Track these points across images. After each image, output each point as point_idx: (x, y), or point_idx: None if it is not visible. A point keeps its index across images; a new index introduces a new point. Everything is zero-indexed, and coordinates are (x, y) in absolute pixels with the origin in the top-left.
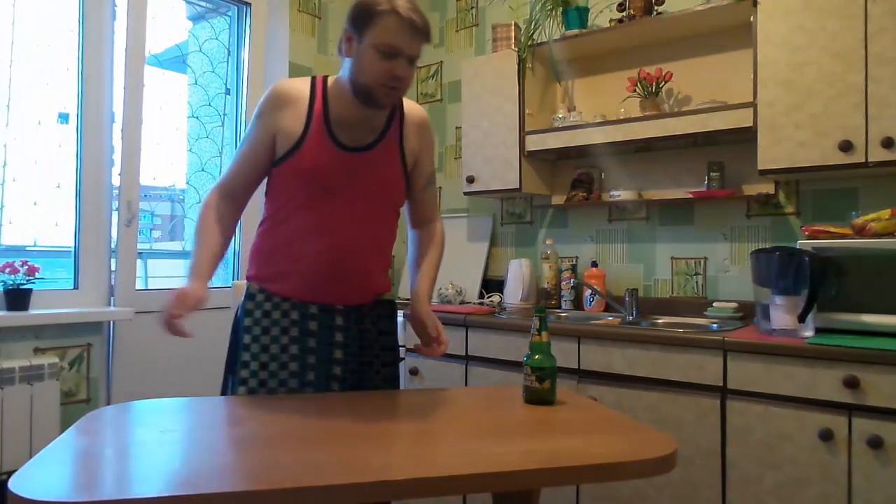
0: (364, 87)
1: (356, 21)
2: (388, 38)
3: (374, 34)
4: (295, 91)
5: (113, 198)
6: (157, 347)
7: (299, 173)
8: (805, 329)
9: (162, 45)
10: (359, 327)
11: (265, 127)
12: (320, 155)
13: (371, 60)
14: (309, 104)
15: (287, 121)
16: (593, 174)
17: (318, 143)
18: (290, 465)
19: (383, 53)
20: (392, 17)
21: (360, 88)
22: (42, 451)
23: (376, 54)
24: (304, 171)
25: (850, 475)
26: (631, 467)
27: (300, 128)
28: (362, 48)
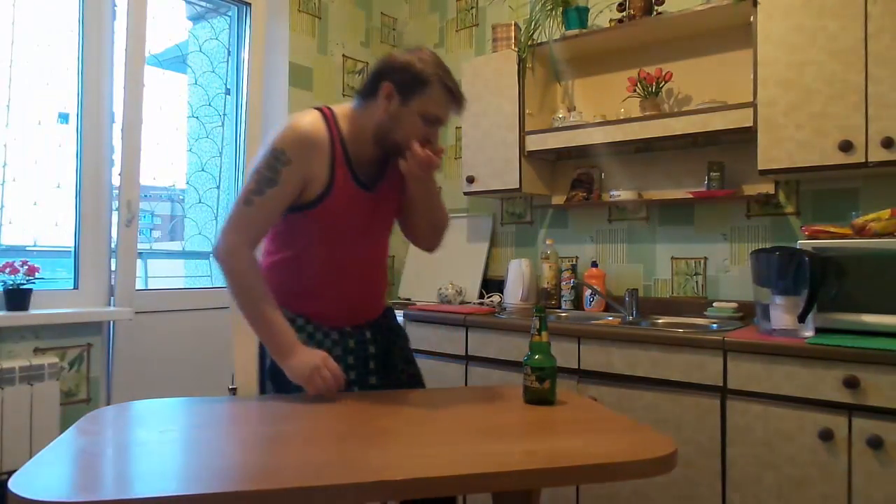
0: (395, 142)
1: (403, 85)
2: (435, 108)
3: (422, 102)
4: (318, 134)
5: (113, 198)
6: (157, 347)
7: (329, 217)
8: (805, 329)
9: (162, 45)
10: (382, 335)
11: (298, 175)
12: (349, 200)
13: (413, 124)
14: (330, 147)
15: (315, 167)
16: (593, 174)
17: (346, 188)
18: (290, 465)
19: (426, 120)
20: (441, 89)
21: (391, 142)
22: (42, 451)
23: (419, 120)
24: (333, 216)
25: (850, 475)
26: (631, 467)
27: (327, 173)
28: (406, 111)
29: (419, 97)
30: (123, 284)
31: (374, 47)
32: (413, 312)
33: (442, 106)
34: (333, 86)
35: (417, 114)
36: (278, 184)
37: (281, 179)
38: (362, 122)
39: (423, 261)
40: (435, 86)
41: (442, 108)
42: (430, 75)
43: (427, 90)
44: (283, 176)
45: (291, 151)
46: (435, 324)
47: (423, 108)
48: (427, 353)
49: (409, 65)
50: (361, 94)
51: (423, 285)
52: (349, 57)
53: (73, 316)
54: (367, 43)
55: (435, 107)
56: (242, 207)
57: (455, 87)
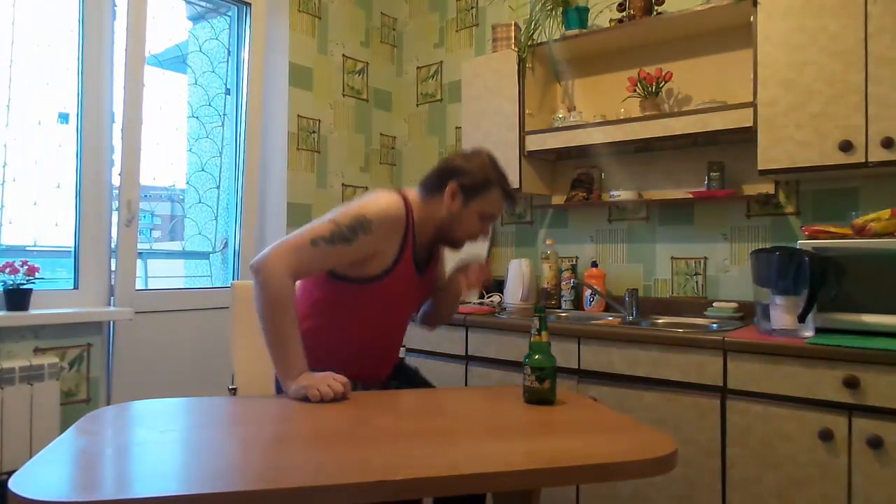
0: (454, 237)
1: (470, 188)
2: (492, 209)
3: (482, 203)
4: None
5: (113, 198)
6: (157, 347)
7: (383, 295)
8: (805, 329)
9: (162, 45)
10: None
11: (370, 248)
12: (406, 282)
13: (472, 221)
14: (404, 234)
15: (388, 247)
16: (593, 174)
17: (406, 271)
18: (291, 465)
19: (483, 218)
20: (498, 191)
21: (449, 235)
22: (42, 451)
23: (477, 218)
24: (389, 295)
25: (850, 475)
26: (631, 467)
27: (395, 254)
28: (467, 211)
29: (480, 199)
30: (123, 284)
31: (374, 47)
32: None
33: (498, 206)
34: (333, 86)
35: (476, 213)
36: (351, 245)
37: (355, 242)
38: (427, 214)
39: None
40: (493, 188)
41: (498, 207)
42: (490, 178)
43: (486, 192)
44: (359, 241)
45: (376, 225)
46: None
47: (482, 208)
48: (427, 353)
49: (473, 170)
50: (426, 188)
51: None
52: (349, 57)
53: (73, 316)
54: (367, 43)
55: (492, 207)
56: (307, 244)
57: (510, 189)
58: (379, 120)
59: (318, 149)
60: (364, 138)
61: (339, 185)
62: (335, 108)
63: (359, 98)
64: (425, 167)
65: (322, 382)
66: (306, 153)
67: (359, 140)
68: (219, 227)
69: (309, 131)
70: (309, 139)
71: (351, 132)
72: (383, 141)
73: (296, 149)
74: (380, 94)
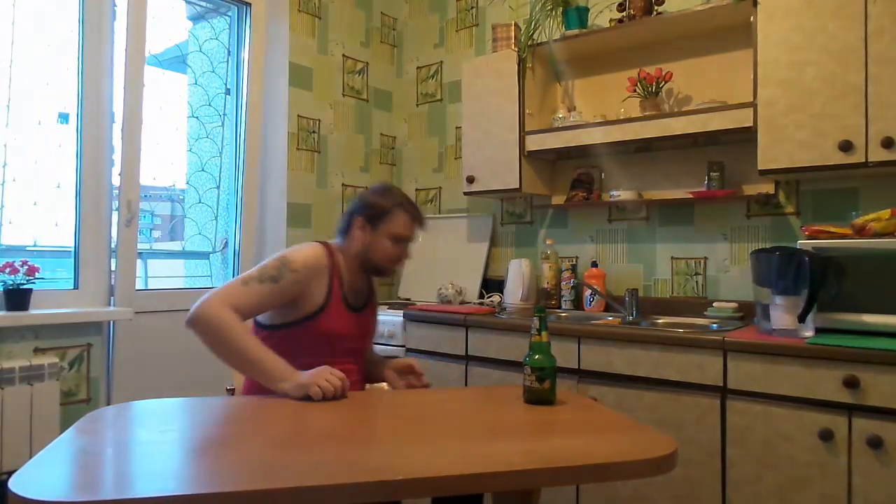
0: (376, 265)
1: (372, 217)
2: (399, 230)
3: (388, 226)
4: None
5: (113, 198)
6: (157, 347)
7: (320, 335)
8: (805, 329)
9: (162, 45)
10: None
11: (297, 288)
12: (339, 319)
13: (385, 246)
14: (329, 275)
15: (314, 289)
16: (593, 174)
17: (338, 309)
18: (290, 465)
19: (395, 241)
20: (404, 214)
21: (372, 265)
22: (42, 451)
23: (389, 242)
24: (324, 334)
25: (850, 475)
26: (631, 467)
27: (323, 296)
28: (377, 237)
29: (384, 223)
30: (123, 284)
31: (374, 47)
32: (413, 312)
33: (404, 227)
34: (333, 86)
35: (386, 237)
36: (278, 283)
37: (282, 282)
38: (347, 254)
39: (423, 261)
40: (395, 211)
41: (405, 228)
42: (387, 203)
43: (389, 216)
44: (286, 280)
45: (300, 265)
46: (435, 324)
47: (390, 231)
48: (427, 353)
49: (373, 200)
50: (341, 231)
51: (423, 285)
52: (349, 57)
53: (73, 316)
54: (367, 43)
55: (399, 229)
56: (238, 285)
57: (412, 208)
58: (379, 120)
59: (318, 149)
60: (364, 138)
61: (339, 185)
62: (335, 108)
63: (359, 98)
64: (425, 167)
65: (320, 378)
66: (306, 153)
67: (359, 140)
68: (219, 227)
69: (309, 131)
70: (309, 139)
71: (351, 132)
72: (383, 141)
73: (296, 149)
74: (380, 94)
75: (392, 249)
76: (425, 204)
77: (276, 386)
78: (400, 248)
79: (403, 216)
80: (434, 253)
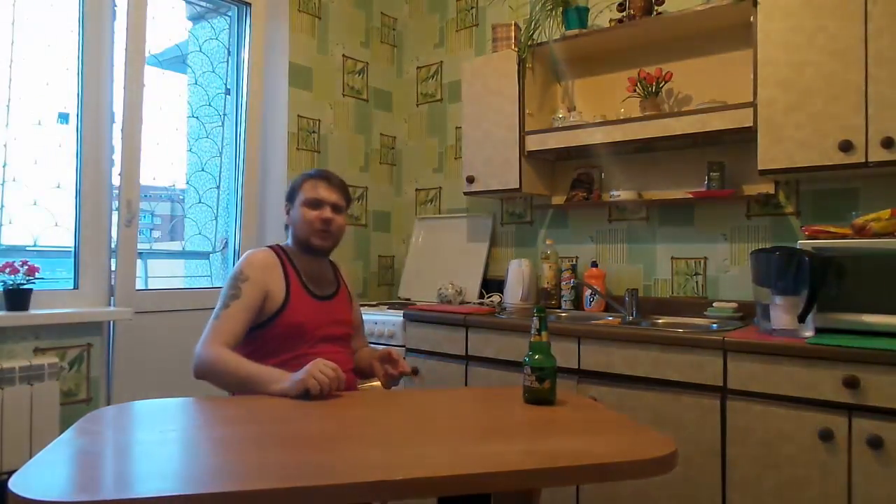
0: (304, 238)
1: (289, 195)
2: (310, 193)
3: (300, 196)
4: (268, 259)
5: (113, 198)
6: (157, 347)
7: (290, 328)
8: (805, 329)
9: (162, 45)
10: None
11: (257, 289)
12: (305, 308)
13: (303, 214)
14: (282, 268)
15: (272, 284)
16: (593, 174)
17: (301, 298)
18: (290, 465)
19: (310, 206)
20: (309, 179)
21: (303, 241)
22: (42, 451)
23: (306, 209)
24: (294, 325)
25: (850, 475)
26: (631, 467)
27: (283, 291)
28: (295, 210)
29: (298, 195)
30: (123, 284)
31: (374, 47)
32: (413, 312)
33: (314, 189)
34: (333, 86)
35: (301, 207)
36: (240, 297)
37: (242, 293)
38: (292, 243)
39: (422, 261)
40: (304, 180)
41: (315, 190)
42: (300, 178)
43: (300, 186)
44: (244, 290)
45: (248, 271)
46: (435, 324)
47: (302, 199)
48: (427, 353)
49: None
50: (285, 229)
51: (423, 285)
52: (349, 57)
53: (73, 316)
54: (367, 43)
55: (308, 192)
56: (212, 322)
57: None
58: (379, 120)
59: (318, 149)
60: (364, 138)
61: None
62: (335, 108)
63: (359, 98)
64: (425, 167)
65: (314, 370)
66: (306, 153)
67: (359, 140)
68: (219, 227)
69: (309, 131)
70: (309, 139)
71: (351, 132)
72: (383, 141)
73: (296, 149)
74: (380, 94)
75: (309, 214)
76: (425, 204)
77: (272, 389)
78: (317, 212)
79: (311, 181)
80: (434, 253)
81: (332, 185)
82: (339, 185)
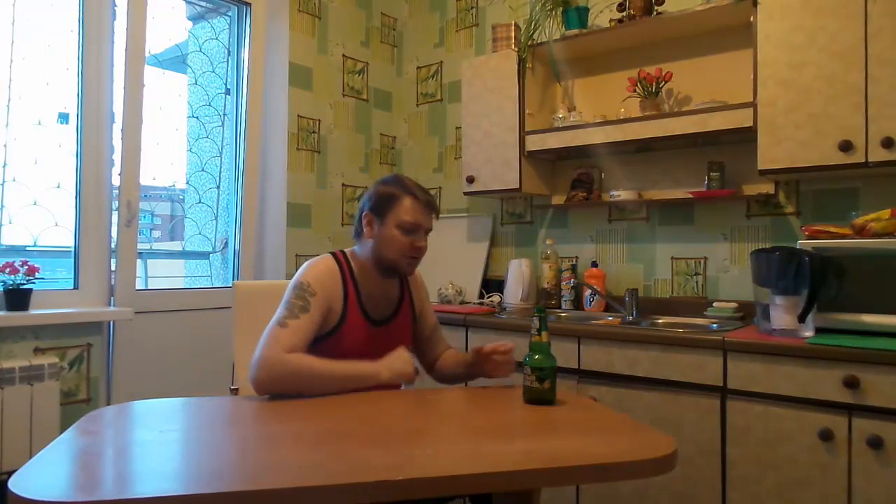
0: (390, 261)
1: (377, 208)
2: (408, 217)
3: (395, 216)
4: (333, 270)
5: (113, 198)
6: (157, 347)
7: (338, 352)
8: (805, 329)
9: (162, 45)
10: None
11: (324, 304)
12: (358, 334)
13: (394, 237)
14: (342, 283)
15: (334, 299)
16: (593, 174)
17: (356, 323)
18: (290, 465)
19: (405, 230)
20: (409, 199)
21: (386, 263)
22: (42, 451)
23: (399, 232)
24: (343, 351)
25: (850, 475)
26: (631, 467)
27: (340, 308)
28: (385, 229)
29: (392, 213)
30: (123, 284)
31: (374, 47)
32: None
33: (413, 213)
34: (333, 86)
35: (395, 227)
36: (309, 311)
37: (312, 308)
38: (363, 256)
39: (423, 261)
40: (402, 198)
41: (414, 214)
42: (395, 191)
43: (396, 204)
44: (313, 304)
45: (315, 284)
46: None
47: (397, 220)
48: None
49: (376, 192)
50: (355, 234)
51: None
52: (349, 57)
53: (73, 316)
54: (367, 43)
55: (408, 215)
56: (276, 329)
57: (420, 192)
58: (379, 120)
59: (318, 149)
60: (364, 138)
61: (339, 186)
62: (335, 108)
63: (359, 98)
64: (425, 167)
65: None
66: (306, 153)
67: (359, 140)
68: (219, 227)
69: (309, 131)
70: (309, 139)
71: (351, 132)
72: (383, 141)
73: (296, 149)
74: (380, 94)
75: (402, 239)
76: None
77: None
78: (410, 238)
79: (410, 201)
80: (434, 253)
81: (431, 209)
82: (435, 209)
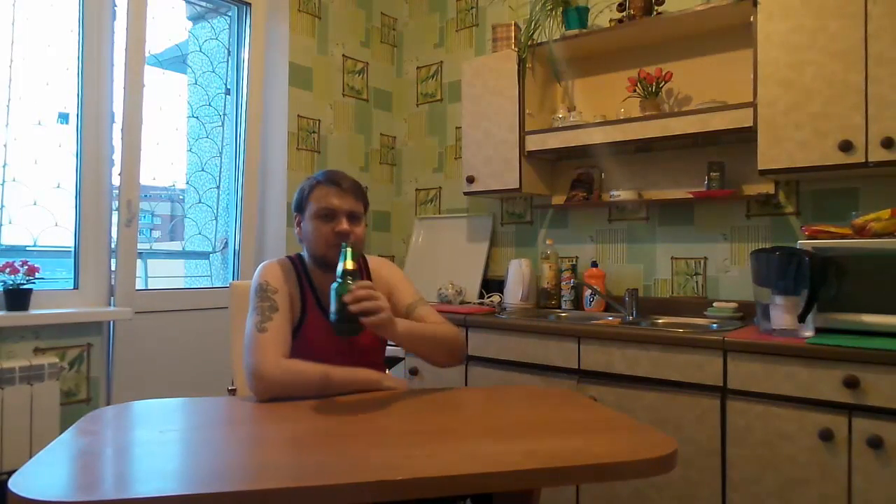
0: (320, 255)
1: (297, 205)
2: (320, 203)
3: (310, 207)
4: (285, 266)
5: (113, 198)
6: (157, 347)
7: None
8: (805, 329)
9: (162, 45)
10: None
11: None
12: (321, 332)
13: (316, 228)
14: (298, 283)
15: (293, 298)
16: (593, 174)
17: (317, 321)
18: (290, 465)
19: (322, 218)
20: (318, 185)
21: (318, 258)
22: (42, 451)
23: (318, 222)
24: (309, 351)
25: (850, 475)
26: (631, 467)
27: (299, 307)
28: (306, 224)
29: (308, 205)
30: (123, 284)
31: (374, 47)
32: None
33: (323, 198)
34: (333, 86)
35: (313, 218)
36: (278, 308)
37: (278, 304)
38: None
39: (423, 261)
40: (314, 188)
41: (324, 199)
42: (305, 185)
43: (309, 195)
44: (279, 301)
45: (274, 282)
46: None
47: (311, 210)
48: None
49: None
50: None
51: (423, 285)
52: (349, 57)
53: (73, 316)
54: (367, 43)
55: (319, 202)
56: (258, 336)
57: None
58: (379, 120)
59: (318, 149)
60: (364, 138)
61: None
62: (335, 108)
63: (359, 98)
64: (425, 167)
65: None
66: (306, 153)
67: (359, 140)
68: (219, 227)
69: (309, 131)
70: (309, 139)
71: (351, 132)
72: (383, 141)
73: (296, 149)
74: (380, 94)
75: (322, 228)
76: (425, 204)
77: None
78: (330, 225)
79: (319, 188)
80: (434, 253)
81: (344, 191)
82: (353, 189)
